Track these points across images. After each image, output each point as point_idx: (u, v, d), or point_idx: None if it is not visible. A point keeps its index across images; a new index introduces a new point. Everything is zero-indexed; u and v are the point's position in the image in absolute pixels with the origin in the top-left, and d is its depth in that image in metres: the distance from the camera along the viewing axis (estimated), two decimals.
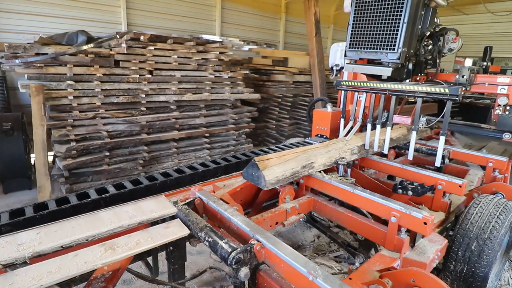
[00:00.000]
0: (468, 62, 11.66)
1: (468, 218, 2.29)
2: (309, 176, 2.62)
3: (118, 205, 2.18)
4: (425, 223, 1.94)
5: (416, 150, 3.51)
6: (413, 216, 1.99)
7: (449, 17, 10.76)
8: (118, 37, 5.33)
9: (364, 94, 3.17)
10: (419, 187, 2.58)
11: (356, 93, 3.27)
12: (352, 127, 3.28)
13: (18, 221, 1.92)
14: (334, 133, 3.74)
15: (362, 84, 3.10)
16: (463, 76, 3.54)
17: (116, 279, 1.76)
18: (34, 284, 1.43)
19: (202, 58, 5.92)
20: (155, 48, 5.28)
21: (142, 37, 5.10)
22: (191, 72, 5.89)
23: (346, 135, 3.20)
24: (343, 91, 3.44)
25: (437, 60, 3.52)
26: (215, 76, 6.20)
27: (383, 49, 2.90)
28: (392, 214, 2.08)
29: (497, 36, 9.95)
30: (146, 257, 2.24)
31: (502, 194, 2.85)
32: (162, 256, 2.16)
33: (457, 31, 3.49)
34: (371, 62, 3.21)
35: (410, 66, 3.14)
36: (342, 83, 3.26)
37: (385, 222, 2.21)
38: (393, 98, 3.00)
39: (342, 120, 3.46)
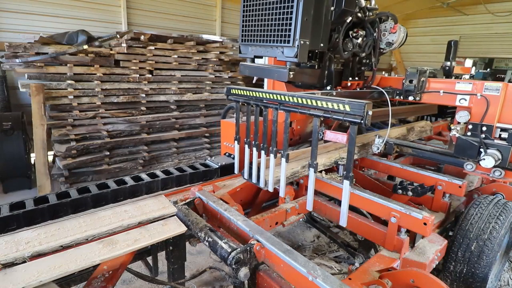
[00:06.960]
0: (468, 63, 11.59)
1: (468, 219, 2.29)
2: None
3: (118, 204, 2.18)
4: (425, 224, 1.94)
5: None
6: (413, 217, 1.99)
7: (449, 17, 10.74)
8: (118, 36, 5.34)
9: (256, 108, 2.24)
10: (419, 188, 2.57)
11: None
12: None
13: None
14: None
15: (252, 94, 2.19)
16: (411, 81, 2.69)
17: (115, 279, 1.76)
18: (33, 280, 1.43)
19: (202, 58, 5.92)
20: (155, 48, 5.28)
21: (142, 37, 5.10)
22: (191, 72, 5.89)
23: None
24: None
25: (373, 59, 2.70)
26: (215, 76, 6.20)
27: (275, 41, 2.13)
28: (392, 215, 2.08)
29: (497, 37, 9.92)
30: (146, 257, 2.25)
31: (502, 194, 2.84)
32: (162, 256, 2.16)
33: (395, 16, 2.59)
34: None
35: (333, 67, 2.50)
36: (232, 91, 2.37)
37: (385, 223, 2.21)
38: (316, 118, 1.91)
39: (236, 145, 2.44)
